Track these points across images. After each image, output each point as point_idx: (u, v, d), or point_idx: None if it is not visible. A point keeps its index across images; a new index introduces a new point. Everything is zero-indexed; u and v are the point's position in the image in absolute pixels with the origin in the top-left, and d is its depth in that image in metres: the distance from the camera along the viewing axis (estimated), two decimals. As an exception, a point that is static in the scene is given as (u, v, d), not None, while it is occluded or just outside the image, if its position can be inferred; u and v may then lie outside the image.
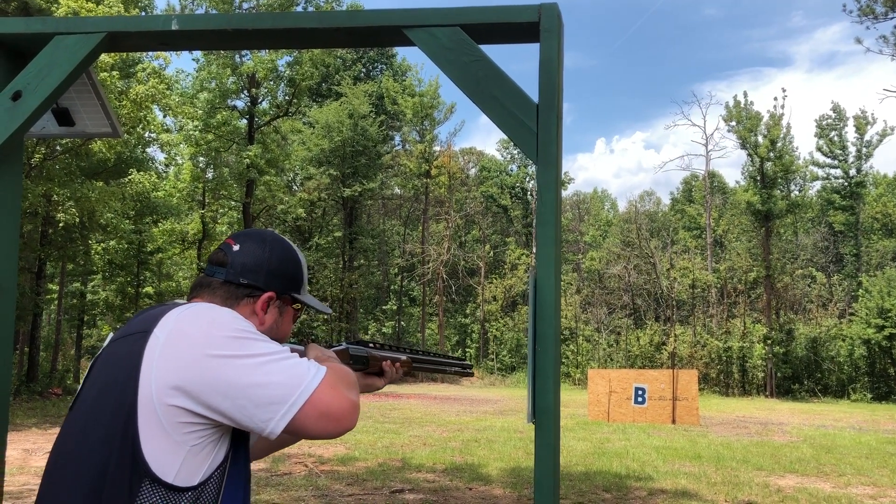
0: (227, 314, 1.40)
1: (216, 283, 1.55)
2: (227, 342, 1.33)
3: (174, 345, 1.32)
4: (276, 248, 1.61)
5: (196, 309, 1.39)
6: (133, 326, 1.42)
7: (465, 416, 18.86)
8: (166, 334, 1.33)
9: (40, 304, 24.72)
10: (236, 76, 32.05)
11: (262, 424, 1.32)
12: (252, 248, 1.58)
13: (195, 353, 1.30)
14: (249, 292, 1.55)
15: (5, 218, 2.12)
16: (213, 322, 1.35)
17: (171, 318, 1.37)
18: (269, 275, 1.57)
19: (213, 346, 1.31)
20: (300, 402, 1.32)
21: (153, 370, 1.30)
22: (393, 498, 8.07)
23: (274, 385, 1.31)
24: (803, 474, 10.36)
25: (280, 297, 1.60)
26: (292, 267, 1.64)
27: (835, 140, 45.51)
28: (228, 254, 1.57)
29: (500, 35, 2.00)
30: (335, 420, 1.36)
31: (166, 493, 1.29)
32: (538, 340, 1.84)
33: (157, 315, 1.39)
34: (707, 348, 38.35)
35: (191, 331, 1.34)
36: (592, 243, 56.24)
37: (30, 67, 2.05)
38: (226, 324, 1.36)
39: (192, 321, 1.36)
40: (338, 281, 44.09)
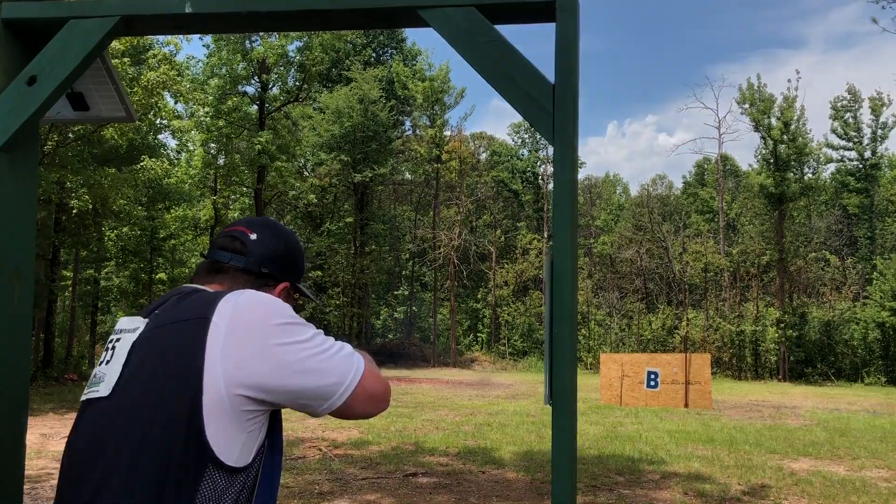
0: (278, 301, 1.45)
1: (234, 269, 1.57)
2: (284, 329, 1.38)
3: (237, 334, 1.35)
4: (289, 239, 1.66)
5: (248, 297, 1.42)
6: (183, 312, 1.42)
7: (478, 400, 18.92)
8: (227, 323, 1.36)
9: (55, 291, 24.92)
10: (246, 62, 32.05)
11: (319, 403, 1.42)
12: (269, 238, 1.61)
13: (260, 342, 1.35)
14: (267, 281, 1.59)
15: (22, 204, 2.13)
16: (269, 309, 1.40)
17: (229, 305, 1.39)
18: (284, 266, 1.62)
19: (275, 335, 1.37)
20: (353, 387, 1.42)
21: (219, 359, 1.32)
22: (406, 481, 8.11)
23: (331, 371, 1.40)
24: (817, 457, 10.34)
25: (291, 287, 1.67)
26: (300, 258, 1.70)
27: (850, 122, 45.09)
28: (246, 242, 1.59)
29: (515, 15, 1.98)
30: (377, 401, 1.48)
31: (227, 475, 1.33)
32: (555, 323, 1.84)
33: (210, 302, 1.40)
34: (720, 332, 38.26)
35: (252, 319, 1.37)
36: (604, 227, 56.07)
37: (44, 52, 2.04)
38: (280, 311, 1.41)
39: (251, 309, 1.39)
40: (349, 266, 44.20)
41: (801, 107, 37.47)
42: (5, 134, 2.03)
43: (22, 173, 2.12)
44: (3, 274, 2.05)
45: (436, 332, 45.61)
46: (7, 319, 2.05)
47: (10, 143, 2.05)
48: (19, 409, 2.06)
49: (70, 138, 20.08)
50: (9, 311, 2.06)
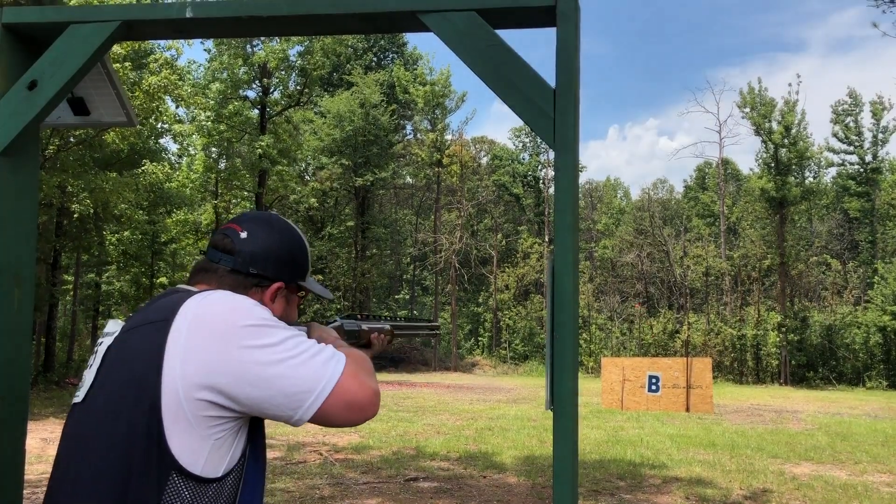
0: (247, 302, 1.36)
1: (223, 270, 1.50)
2: (250, 332, 1.30)
3: (198, 336, 1.29)
4: (284, 235, 1.56)
5: (214, 297, 1.35)
6: (149, 315, 1.37)
7: (479, 404, 18.90)
8: (188, 325, 1.30)
9: (56, 295, 24.92)
10: (248, 66, 32.09)
11: (289, 413, 1.32)
12: (260, 235, 1.52)
13: (220, 344, 1.28)
14: (258, 282, 1.51)
15: (23, 207, 2.13)
16: (234, 311, 1.32)
17: (191, 307, 1.33)
18: (278, 264, 1.53)
19: (237, 337, 1.29)
20: (326, 393, 1.32)
21: (178, 363, 1.27)
22: (407, 486, 8.10)
23: (300, 376, 1.30)
24: (819, 462, 10.32)
25: (288, 286, 1.56)
26: (300, 255, 1.59)
27: (850, 126, 45.10)
28: (235, 241, 1.51)
29: (516, 19, 1.98)
30: (359, 409, 1.36)
31: (193, 484, 1.28)
32: (556, 328, 1.83)
33: (175, 304, 1.34)
34: (721, 336, 38.23)
35: (213, 321, 1.30)
36: (605, 231, 56.08)
37: (45, 56, 2.04)
38: (247, 312, 1.33)
39: (213, 311, 1.32)
40: (350, 270, 44.20)
41: (802, 111, 37.58)
42: (6, 138, 2.04)
43: (23, 177, 2.12)
44: (4, 278, 2.05)
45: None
46: (8, 323, 2.05)
47: (10, 147, 2.05)
48: (20, 413, 2.05)
49: (71, 142, 20.09)
50: (9, 316, 2.06)
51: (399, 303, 51.89)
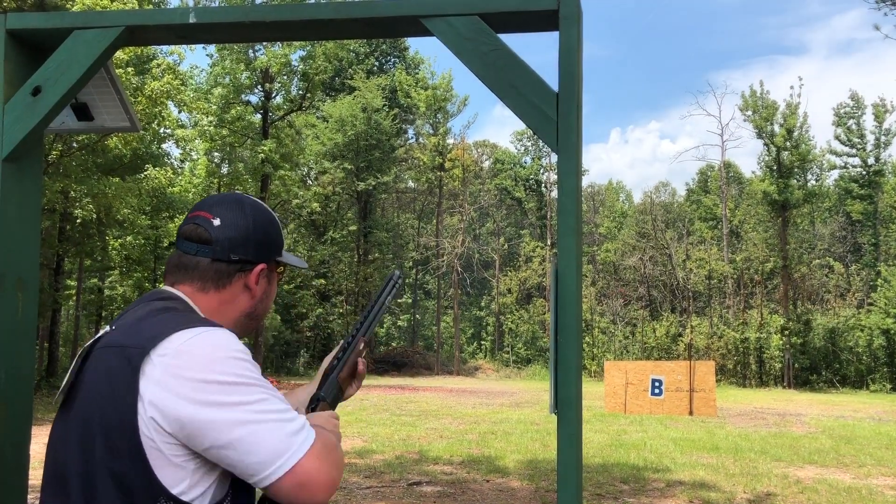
0: (229, 353, 1.30)
1: (203, 263, 1.46)
2: (222, 388, 1.25)
3: (171, 379, 1.25)
4: (256, 214, 1.52)
5: (196, 343, 1.29)
6: (127, 337, 1.32)
7: (482, 408, 18.88)
8: (164, 366, 1.26)
9: (59, 300, 24.96)
10: (250, 71, 32.17)
11: (244, 475, 1.28)
12: (233, 218, 1.48)
13: (190, 395, 1.24)
14: (241, 267, 1.48)
15: (27, 213, 2.13)
16: (211, 363, 1.27)
17: (171, 346, 1.28)
18: (258, 245, 1.50)
19: (208, 391, 1.24)
20: (281, 471, 1.25)
21: (148, 401, 1.25)
22: (410, 490, 8.09)
23: (260, 448, 1.24)
24: (822, 465, 10.29)
25: (268, 265, 1.54)
26: (273, 231, 1.55)
27: (853, 128, 45.07)
28: (210, 229, 1.46)
29: (518, 23, 1.98)
30: (309, 494, 1.28)
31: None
32: (560, 331, 1.83)
33: (155, 335, 1.29)
34: (724, 339, 38.18)
35: (189, 369, 1.26)
36: (607, 235, 56.06)
37: (49, 62, 2.05)
38: (225, 365, 1.28)
39: (191, 357, 1.27)
40: (352, 274, 44.22)
41: (804, 113, 37.53)
42: (10, 144, 2.04)
43: (26, 183, 2.13)
44: (7, 283, 2.05)
45: (439, 341, 45.59)
46: (11, 329, 2.05)
47: (14, 153, 2.05)
48: (23, 418, 2.06)
49: (74, 148, 20.13)
50: (12, 321, 2.06)
51: (401, 307, 51.88)
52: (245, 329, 1.55)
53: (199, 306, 1.46)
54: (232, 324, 1.49)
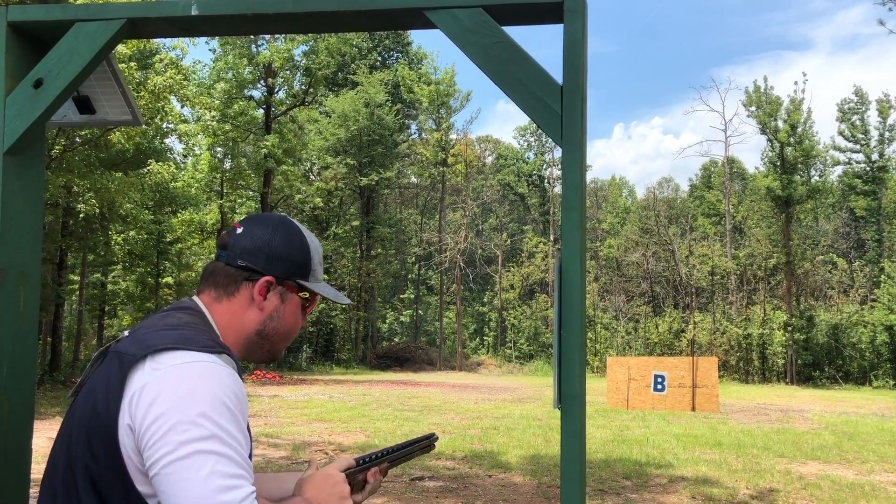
0: (214, 392, 1.25)
1: (218, 267, 1.50)
2: (182, 423, 1.21)
3: (149, 392, 1.24)
4: (280, 230, 1.51)
5: (190, 369, 1.26)
6: (131, 346, 1.32)
7: (484, 403, 18.89)
8: (152, 379, 1.25)
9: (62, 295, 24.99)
10: (253, 66, 32.15)
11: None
12: (256, 230, 1.50)
13: (156, 414, 1.22)
14: (248, 275, 1.47)
15: (29, 206, 2.12)
16: (191, 393, 1.23)
17: (166, 362, 1.26)
18: (270, 258, 1.48)
19: (169, 418, 1.21)
20: None
21: (127, 404, 1.25)
22: (413, 485, 8.09)
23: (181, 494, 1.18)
24: (825, 461, 10.28)
25: (282, 282, 1.50)
26: (297, 251, 1.52)
27: (857, 124, 44.97)
28: (231, 236, 1.50)
29: (523, 16, 1.96)
30: None
31: None
32: (564, 326, 1.82)
33: (152, 345, 1.29)
34: (727, 335, 38.16)
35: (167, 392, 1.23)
36: (610, 231, 56.02)
37: (50, 55, 2.04)
38: (202, 403, 1.23)
39: (177, 380, 1.24)
40: (355, 270, 44.24)
41: (808, 109, 37.44)
42: (12, 137, 2.03)
43: (28, 177, 2.12)
44: (10, 277, 2.05)
45: (442, 336, 45.62)
46: (13, 323, 2.05)
47: (16, 146, 2.04)
48: (26, 412, 2.05)
49: (77, 142, 20.13)
50: (15, 315, 2.06)
51: (404, 302, 51.90)
52: (257, 350, 1.53)
53: (215, 318, 1.47)
54: (243, 340, 1.49)
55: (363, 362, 42.50)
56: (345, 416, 14.73)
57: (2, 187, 2.03)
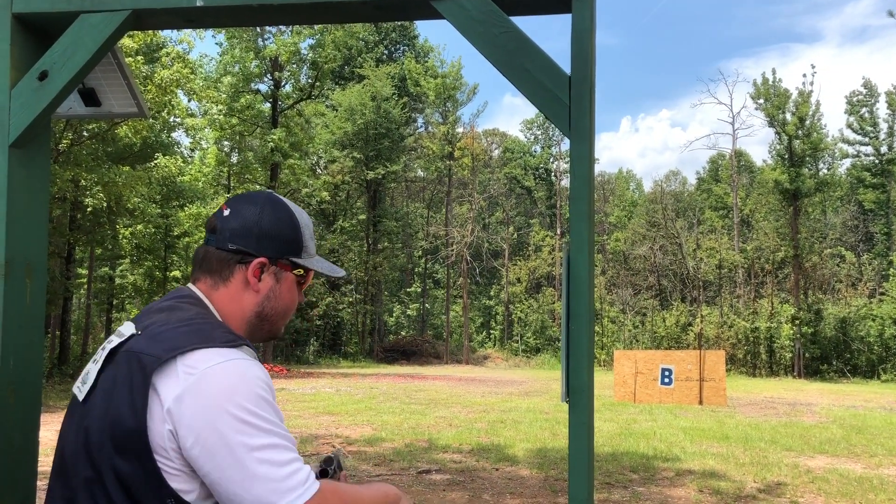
0: (252, 388, 1.27)
1: (210, 252, 1.47)
2: (235, 425, 1.22)
3: (192, 399, 1.23)
4: (268, 209, 1.48)
5: (224, 369, 1.26)
6: (148, 345, 1.30)
7: (491, 397, 18.89)
8: (187, 384, 1.24)
9: (70, 289, 25.09)
10: (259, 60, 32.14)
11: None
12: (243, 211, 1.47)
13: (206, 421, 1.21)
14: (240, 258, 1.45)
15: (35, 199, 2.12)
16: (234, 394, 1.24)
17: (199, 367, 1.25)
18: (261, 238, 1.45)
19: (221, 423, 1.22)
20: None
21: (167, 410, 1.23)
22: (420, 478, 8.10)
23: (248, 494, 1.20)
24: (833, 455, 10.25)
25: (275, 262, 1.48)
26: (287, 228, 1.49)
27: (865, 117, 44.73)
28: (219, 219, 1.47)
29: (530, 6, 1.95)
30: None
31: None
32: (572, 319, 1.81)
33: (175, 347, 1.27)
34: (734, 329, 38.07)
35: (210, 396, 1.23)
36: (617, 224, 55.90)
37: (55, 47, 2.03)
38: (246, 401, 1.25)
39: (216, 383, 1.24)
40: (362, 264, 44.27)
41: (817, 102, 37.22)
42: (17, 129, 2.03)
43: (34, 169, 2.12)
44: (16, 270, 2.04)
45: (448, 329, 45.64)
46: (19, 315, 2.05)
47: (22, 138, 2.04)
48: (32, 404, 2.05)
49: (84, 136, 20.18)
50: (21, 308, 2.05)
51: (411, 296, 51.93)
52: (258, 331, 1.52)
53: (216, 306, 1.46)
54: (244, 323, 1.48)
55: (370, 356, 42.58)
56: (352, 410, 14.75)
57: (7, 180, 2.03)
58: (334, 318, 43.01)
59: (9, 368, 1.99)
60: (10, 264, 2.03)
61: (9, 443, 1.97)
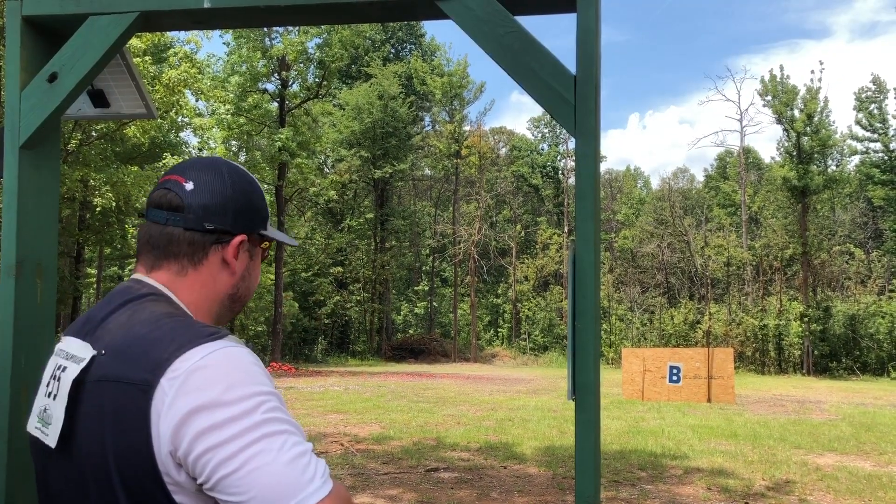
0: (247, 373, 1.11)
1: (175, 234, 1.26)
2: (235, 413, 1.07)
3: (180, 399, 1.07)
4: (236, 179, 1.32)
5: (213, 359, 1.10)
6: (125, 367, 1.12)
7: (499, 395, 18.90)
8: (174, 390, 1.08)
9: (79, 288, 25.21)
10: (266, 59, 32.20)
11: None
12: (210, 183, 1.28)
13: (201, 424, 1.06)
14: (217, 238, 1.28)
15: (45, 199, 2.14)
16: (229, 387, 1.08)
17: (183, 367, 1.09)
18: (237, 214, 1.30)
19: (218, 413, 1.07)
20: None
21: (163, 432, 1.07)
22: (428, 476, 8.12)
23: (266, 480, 1.05)
24: (843, 452, 10.22)
25: (249, 237, 1.34)
26: (257, 199, 1.35)
27: (874, 113, 44.45)
28: (182, 194, 1.27)
29: (536, 5, 1.96)
30: None
31: None
32: (578, 317, 1.82)
33: (159, 361, 1.10)
34: (742, 326, 37.95)
35: (199, 389, 1.08)
36: (625, 222, 55.78)
37: (65, 49, 2.05)
38: (244, 388, 1.09)
39: (204, 375, 1.09)
40: (370, 262, 44.33)
41: (825, 98, 37.03)
42: (27, 131, 2.05)
43: (44, 170, 2.14)
44: (27, 270, 2.07)
45: (456, 328, 45.65)
46: (31, 315, 2.07)
47: (32, 139, 2.06)
48: (43, 404, 2.07)
49: (93, 137, 20.27)
50: (33, 307, 2.07)
51: (418, 294, 51.96)
52: (228, 314, 1.37)
53: (181, 294, 1.28)
54: (217, 308, 1.33)
55: (378, 354, 42.63)
56: (360, 408, 14.78)
57: (18, 181, 2.05)
58: (342, 317, 43.08)
59: (21, 367, 2.02)
60: (22, 264, 2.05)
61: (21, 439, 1.99)
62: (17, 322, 2.02)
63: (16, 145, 2.04)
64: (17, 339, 2.01)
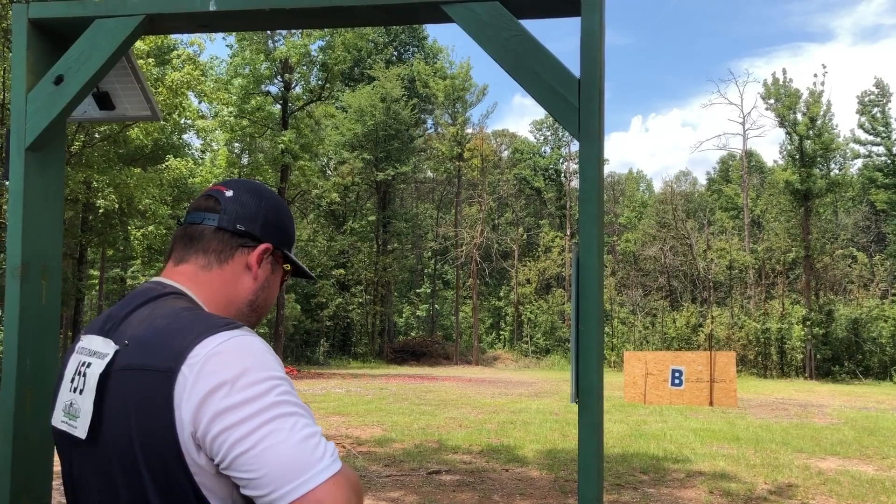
0: (261, 358, 1.17)
1: (208, 231, 1.37)
2: (250, 394, 1.12)
3: (199, 382, 1.13)
4: (271, 198, 1.45)
5: (230, 345, 1.17)
6: (148, 356, 1.19)
7: (501, 398, 18.89)
8: (194, 375, 1.13)
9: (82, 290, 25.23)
10: (270, 61, 32.23)
11: (257, 490, 1.11)
12: (246, 195, 1.41)
13: (218, 405, 1.11)
14: (244, 242, 1.38)
15: (50, 200, 2.15)
16: (244, 372, 1.14)
17: (202, 352, 1.15)
18: (266, 225, 1.41)
19: (233, 395, 1.12)
20: (296, 494, 1.09)
21: (184, 417, 1.13)
22: (430, 479, 8.11)
23: (278, 464, 1.09)
24: (845, 457, 10.20)
25: (274, 251, 1.43)
26: (287, 220, 1.47)
27: (877, 117, 44.44)
28: (220, 199, 1.40)
29: (540, 9, 1.96)
30: None
31: None
32: (581, 320, 1.82)
33: (182, 348, 1.16)
34: (745, 330, 37.91)
35: (215, 373, 1.13)
36: (627, 225, 55.75)
37: (71, 51, 2.06)
38: (258, 372, 1.15)
39: (221, 359, 1.15)
40: (372, 265, 44.34)
41: (828, 101, 37.01)
42: (33, 133, 2.06)
43: (49, 172, 2.15)
44: (32, 271, 2.07)
45: (458, 330, 45.63)
46: (36, 317, 2.07)
47: (38, 141, 2.07)
48: (48, 405, 2.08)
49: (96, 138, 20.31)
50: (37, 308, 2.08)
51: (420, 296, 51.97)
52: (245, 322, 1.40)
53: (200, 291, 1.35)
54: (234, 312, 1.38)
55: (380, 356, 42.63)
56: (362, 410, 14.78)
57: (24, 183, 2.06)
58: (344, 319, 43.08)
59: (26, 368, 2.02)
60: (27, 266, 2.06)
61: (26, 441, 1.99)
62: (23, 323, 2.03)
63: (22, 147, 2.05)
64: (21, 340, 2.02)
